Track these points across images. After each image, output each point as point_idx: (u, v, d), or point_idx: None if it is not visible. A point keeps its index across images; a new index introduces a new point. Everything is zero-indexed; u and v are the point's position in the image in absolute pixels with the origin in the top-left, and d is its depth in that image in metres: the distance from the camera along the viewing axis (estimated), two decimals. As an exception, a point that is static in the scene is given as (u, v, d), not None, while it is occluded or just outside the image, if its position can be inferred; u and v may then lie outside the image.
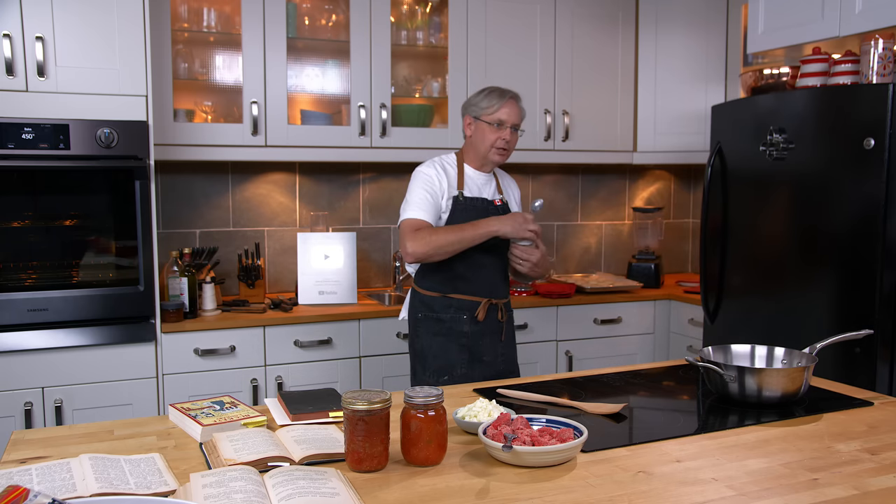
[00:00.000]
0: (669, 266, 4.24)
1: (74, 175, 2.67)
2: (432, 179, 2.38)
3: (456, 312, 2.39)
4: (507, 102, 2.39)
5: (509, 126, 2.39)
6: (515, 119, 2.41)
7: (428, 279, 2.44)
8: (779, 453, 1.42)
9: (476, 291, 2.41)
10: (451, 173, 2.43)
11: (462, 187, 2.42)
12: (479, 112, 2.40)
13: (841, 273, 2.54)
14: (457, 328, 2.40)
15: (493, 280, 2.44)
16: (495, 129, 2.38)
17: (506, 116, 2.38)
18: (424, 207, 2.35)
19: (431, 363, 2.41)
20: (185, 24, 3.11)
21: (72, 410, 2.65)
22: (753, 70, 3.16)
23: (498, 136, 2.39)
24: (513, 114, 2.40)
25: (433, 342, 2.41)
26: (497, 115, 2.38)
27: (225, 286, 3.33)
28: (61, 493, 1.19)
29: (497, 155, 2.42)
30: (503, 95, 2.40)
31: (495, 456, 1.37)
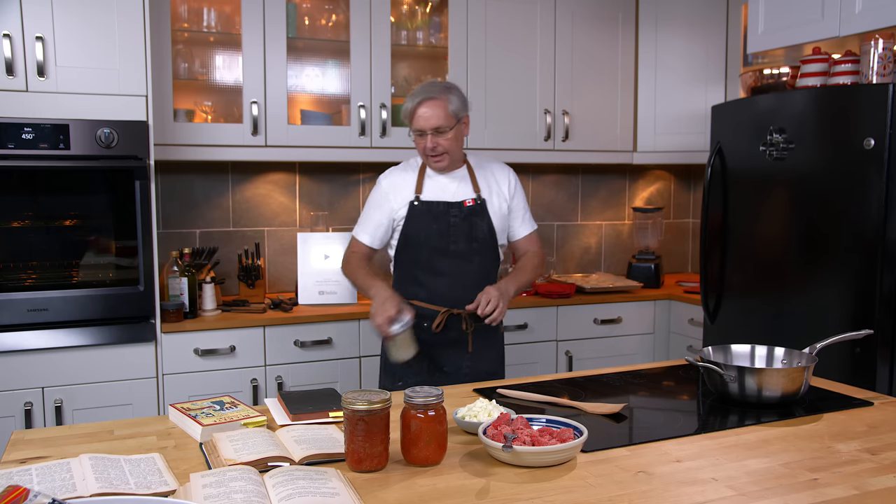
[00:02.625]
0: (669, 266, 4.24)
1: (74, 175, 2.67)
2: (385, 195, 2.32)
3: (416, 319, 2.23)
4: (418, 108, 2.20)
5: (428, 132, 2.20)
6: (434, 122, 2.19)
7: (395, 282, 2.37)
8: (779, 453, 1.42)
9: (434, 300, 2.28)
10: (410, 178, 2.32)
11: (420, 191, 2.30)
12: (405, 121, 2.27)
13: (841, 273, 2.54)
14: (418, 334, 2.23)
15: (455, 290, 2.27)
16: (416, 136, 2.24)
17: (421, 123, 2.20)
18: (368, 229, 2.34)
19: (390, 367, 2.33)
20: (185, 24, 3.11)
21: (72, 410, 2.65)
22: (753, 70, 3.16)
23: (422, 145, 2.24)
24: (429, 117, 2.19)
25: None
26: (414, 122, 2.22)
27: (225, 286, 3.33)
28: (61, 493, 1.19)
29: (433, 162, 2.26)
30: (414, 99, 2.21)
31: (495, 456, 1.37)
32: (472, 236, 2.30)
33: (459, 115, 2.24)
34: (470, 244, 2.29)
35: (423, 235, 2.29)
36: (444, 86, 2.25)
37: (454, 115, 2.22)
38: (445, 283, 2.29)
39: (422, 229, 2.28)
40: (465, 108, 2.27)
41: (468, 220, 2.29)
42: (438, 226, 2.28)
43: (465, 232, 2.29)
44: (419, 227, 2.28)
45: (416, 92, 2.23)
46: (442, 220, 2.27)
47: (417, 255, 2.31)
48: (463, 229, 2.29)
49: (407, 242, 2.32)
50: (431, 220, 2.27)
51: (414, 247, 2.31)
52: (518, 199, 2.42)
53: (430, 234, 2.28)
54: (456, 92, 2.25)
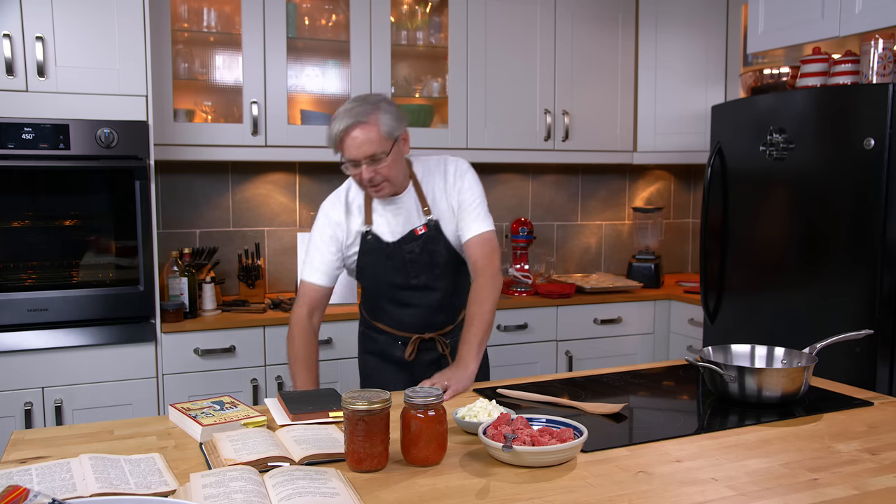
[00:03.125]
0: (669, 266, 4.24)
1: (74, 175, 2.67)
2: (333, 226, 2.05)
3: (388, 338, 2.15)
4: (346, 136, 1.88)
5: (363, 163, 1.89)
6: (367, 149, 1.87)
7: (363, 302, 2.22)
8: (779, 453, 1.42)
9: (404, 328, 2.12)
10: (356, 205, 2.07)
11: (370, 221, 2.05)
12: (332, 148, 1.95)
13: (841, 273, 2.54)
14: (389, 351, 2.16)
15: (422, 317, 2.12)
16: (349, 167, 1.93)
17: (353, 153, 1.89)
18: (316, 266, 2.06)
19: (367, 382, 2.23)
20: (185, 24, 3.11)
21: (72, 410, 2.65)
22: (753, 70, 3.16)
23: (357, 176, 1.94)
24: (360, 144, 1.87)
25: (368, 360, 2.23)
26: (343, 154, 1.91)
27: (225, 286, 3.33)
28: (61, 493, 1.19)
29: (374, 192, 1.97)
30: (339, 123, 1.88)
31: (495, 456, 1.37)
32: (433, 264, 2.06)
33: (395, 134, 1.92)
34: (431, 272, 2.07)
35: (381, 272, 2.07)
36: (372, 103, 1.91)
37: (389, 137, 1.90)
38: (411, 313, 2.12)
39: (377, 266, 2.07)
40: (400, 125, 1.94)
41: (425, 249, 2.04)
42: (394, 263, 2.05)
43: (425, 262, 2.05)
44: (374, 263, 2.06)
45: (339, 114, 1.90)
46: (397, 258, 2.04)
47: (377, 288, 2.12)
48: (422, 260, 2.05)
49: (364, 275, 2.11)
50: (385, 257, 2.04)
51: (371, 278, 2.11)
52: (466, 196, 2.05)
53: (387, 271, 2.06)
54: (386, 107, 1.92)
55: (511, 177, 3.88)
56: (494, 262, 2.04)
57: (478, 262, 2.03)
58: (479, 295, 1.99)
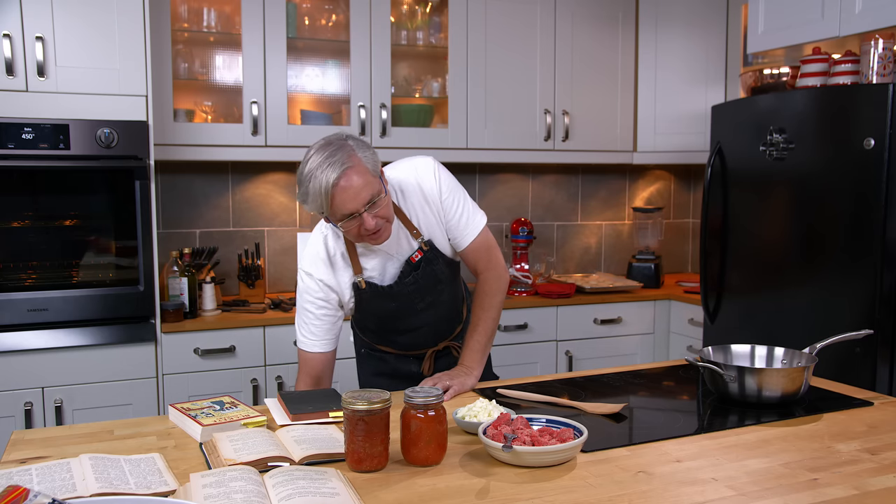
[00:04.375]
0: (669, 266, 4.24)
1: (74, 175, 2.67)
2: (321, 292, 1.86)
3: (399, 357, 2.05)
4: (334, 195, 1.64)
5: (363, 210, 1.67)
6: (366, 194, 1.65)
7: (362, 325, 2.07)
8: (779, 453, 1.42)
9: (415, 346, 2.03)
10: (339, 257, 1.87)
11: (359, 271, 1.87)
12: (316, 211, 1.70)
13: (841, 273, 2.54)
14: (404, 368, 2.05)
15: (431, 334, 2.03)
16: (347, 222, 1.69)
17: (350, 207, 1.66)
18: (318, 334, 1.88)
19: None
20: (185, 24, 3.11)
21: (72, 410, 2.65)
22: (753, 70, 3.16)
23: (358, 229, 1.71)
24: (358, 192, 1.64)
25: (380, 382, 2.07)
26: (337, 209, 1.67)
27: (225, 286, 3.33)
28: (61, 493, 1.19)
29: (373, 242, 1.76)
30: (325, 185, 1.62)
31: (495, 456, 1.37)
32: (436, 281, 1.93)
33: (377, 168, 1.72)
34: (435, 290, 1.94)
35: (385, 313, 1.95)
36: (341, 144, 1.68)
37: (374, 173, 1.70)
38: (420, 334, 2.02)
39: (381, 309, 1.93)
40: (374, 155, 1.72)
41: (426, 272, 1.90)
42: (399, 301, 1.91)
43: (427, 285, 1.92)
44: (377, 308, 1.92)
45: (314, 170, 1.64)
46: (401, 296, 1.89)
47: (382, 324, 2.01)
48: (424, 285, 1.91)
49: (365, 316, 1.98)
50: (389, 299, 1.90)
51: (373, 318, 1.99)
52: (446, 203, 1.90)
53: (392, 311, 1.93)
54: (356, 144, 1.70)
55: (511, 177, 3.88)
56: (495, 261, 1.97)
57: (478, 265, 1.96)
58: (482, 301, 1.94)
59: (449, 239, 1.94)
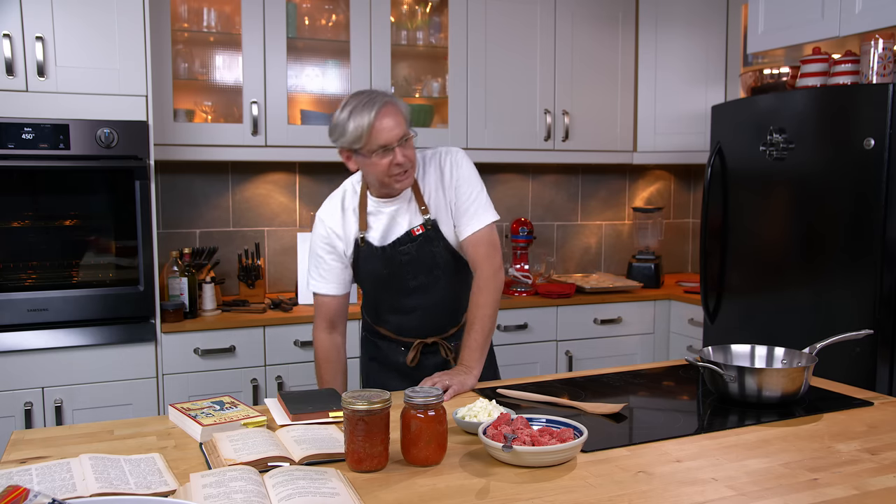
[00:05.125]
0: (669, 266, 4.24)
1: (74, 175, 2.67)
2: (329, 236, 2.00)
3: (390, 344, 2.11)
4: (381, 117, 1.81)
5: (396, 144, 1.83)
6: (399, 130, 1.83)
7: (365, 307, 2.18)
8: (779, 453, 1.42)
9: (405, 333, 2.07)
10: (350, 211, 2.01)
11: (364, 227, 1.98)
12: (353, 144, 1.85)
13: (841, 273, 2.54)
14: (393, 358, 2.11)
15: (424, 321, 2.06)
16: (381, 154, 1.83)
17: (386, 137, 1.81)
18: (327, 277, 2.01)
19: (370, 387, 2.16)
20: (185, 24, 3.11)
21: (72, 410, 2.65)
22: (753, 70, 3.16)
23: (389, 163, 1.84)
24: (392, 127, 1.82)
25: (370, 366, 2.18)
26: (374, 140, 1.82)
27: (225, 286, 3.33)
28: (61, 493, 1.19)
29: (398, 182, 1.88)
30: (370, 108, 1.81)
31: (495, 456, 1.37)
32: (433, 264, 1.99)
33: (408, 114, 1.90)
34: (430, 273, 2.00)
35: (377, 278, 2.02)
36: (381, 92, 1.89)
37: (406, 119, 1.88)
38: (412, 318, 2.06)
39: (374, 273, 2.01)
40: (405, 105, 1.92)
41: (423, 249, 1.98)
42: (391, 269, 1.98)
43: (424, 263, 1.99)
44: (370, 270, 2.01)
45: (357, 108, 1.82)
46: (394, 262, 1.97)
47: (376, 295, 2.08)
48: (420, 262, 1.98)
49: (362, 283, 2.08)
50: (382, 263, 1.98)
51: (370, 285, 2.07)
52: (461, 190, 1.98)
53: (384, 277, 2.00)
54: (392, 94, 1.92)
55: (511, 177, 3.88)
56: (494, 260, 1.97)
57: (476, 260, 1.97)
58: (478, 299, 1.95)
59: (455, 226, 1.99)
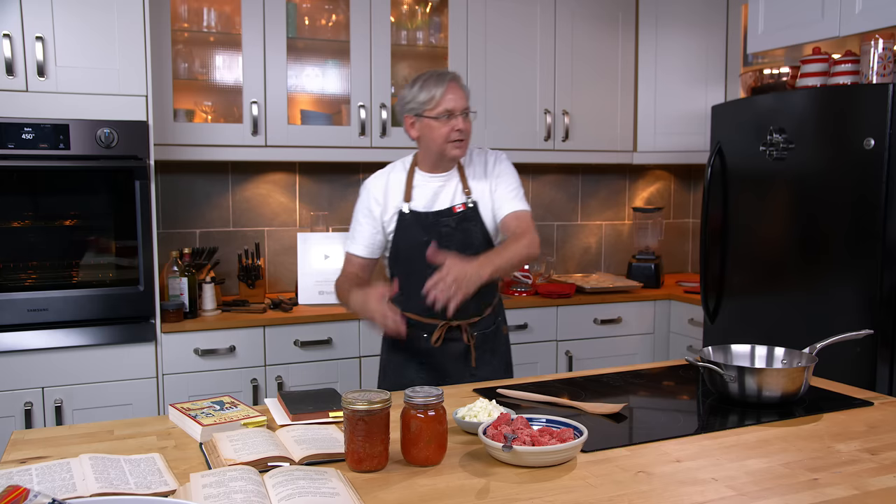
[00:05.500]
0: (669, 266, 4.24)
1: (74, 175, 2.67)
2: (373, 202, 2.17)
3: (415, 330, 2.16)
4: (449, 87, 2.06)
5: (459, 113, 2.07)
6: (463, 102, 2.08)
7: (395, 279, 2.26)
8: (779, 453, 1.42)
9: (432, 314, 2.09)
10: (397, 183, 2.18)
11: (409, 198, 2.16)
12: (419, 108, 2.09)
13: (841, 273, 2.54)
14: (415, 345, 2.18)
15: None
16: (445, 121, 2.06)
17: (452, 104, 2.06)
18: (362, 240, 2.19)
19: (389, 378, 2.24)
20: (185, 24, 3.11)
21: (72, 410, 2.65)
22: (753, 70, 3.16)
23: (450, 128, 2.07)
24: (459, 98, 2.07)
25: (391, 357, 2.25)
26: (442, 105, 2.06)
27: (225, 286, 3.33)
28: (61, 493, 1.19)
29: (455, 149, 2.09)
30: (441, 80, 2.07)
31: (495, 456, 1.37)
32: (467, 243, 2.13)
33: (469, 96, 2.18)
34: (464, 252, 2.06)
35: (414, 247, 2.12)
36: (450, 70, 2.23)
37: (468, 99, 2.15)
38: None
39: (412, 241, 2.14)
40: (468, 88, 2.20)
41: (461, 226, 2.15)
42: (429, 237, 2.11)
43: (459, 240, 2.13)
44: (409, 239, 2.14)
45: (428, 77, 2.09)
46: (432, 231, 2.12)
47: (409, 267, 2.16)
48: (456, 238, 2.13)
49: (398, 254, 2.19)
50: (421, 231, 2.13)
51: (405, 259, 2.18)
52: (504, 179, 2.20)
53: (422, 246, 2.07)
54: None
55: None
56: (534, 232, 2.11)
57: (517, 230, 2.11)
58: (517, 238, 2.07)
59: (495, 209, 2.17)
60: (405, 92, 2.12)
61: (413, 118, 2.12)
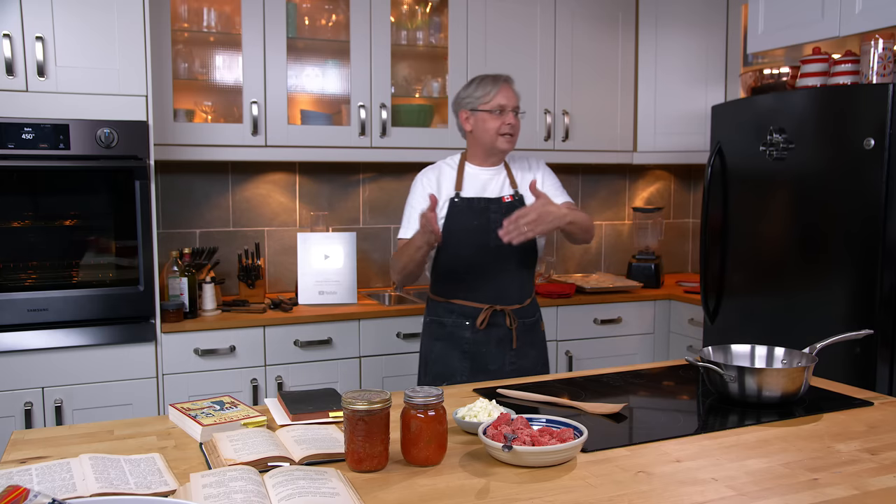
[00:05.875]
0: (669, 266, 4.24)
1: (74, 175, 2.67)
2: (423, 190, 2.34)
3: (458, 318, 2.33)
4: (503, 87, 2.31)
5: (511, 110, 2.31)
6: (515, 101, 2.33)
7: (436, 284, 2.42)
8: (779, 453, 1.42)
9: (478, 298, 2.32)
10: (448, 175, 2.37)
11: (460, 188, 2.35)
12: (475, 103, 2.32)
13: (841, 273, 2.54)
14: (458, 334, 2.33)
15: (500, 286, 2.33)
16: (497, 115, 2.30)
17: (505, 100, 2.30)
18: (411, 225, 2.30)
19: (432, 368, 2.37)
20: (185, 24, 3.11)
21: (72, 410, 2.65)
22: (753, 70, 3.16)
23: (501, 122, 2.30)
24: (511, 97, 2.32)
25: (434, 347, 2.37)
26: (496, 100, 2.29)
27: (225, 286, 3.33)
28: (61, 493, 1.19)
29: (505, 142, 2.32)
30: (497, 80, 2.32)
31: (495, 456, 1.37)
32: None
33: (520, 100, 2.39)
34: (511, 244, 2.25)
35: (464, 232, 2.30)
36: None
37: (519, 100, 2.37)
38: (486, 280, 2.32)
39: (463, 226, 2.30)
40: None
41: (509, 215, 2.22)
42: (479, 222, 2.29)
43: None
44: (460, 224, 2.30)
45: (484, 77, 2.33)
46: (482, 216, 2.29)
47: (458, 251, 2.31)
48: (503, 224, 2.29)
49: (448, 239, 2.31)
50: (472, 216, 2.30)
51: (454, 244, 2.31)
52: (549, 177, 2.45)
53: (471, 231, 2.29)
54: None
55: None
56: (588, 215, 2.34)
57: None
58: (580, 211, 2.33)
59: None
60: (462, 91, 2.37)
61: (468, 113, 2.34)
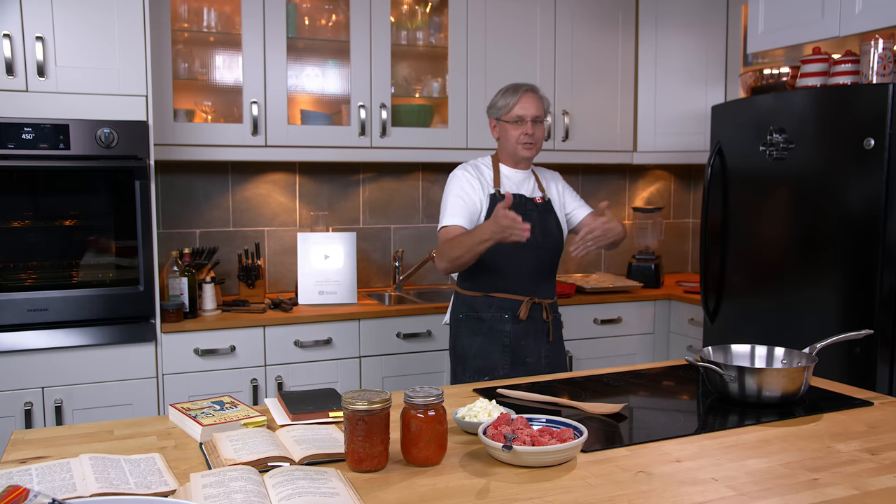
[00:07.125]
0: (669, 266, 4.24)
1: (74, 175, 2.67)
2: (465, 181, 2.41)
3: (497, 311, 2.39)
4: (523, 97, 2.40)
5: (529, 120, 2.40)
6: (534, 111, 2.41)
7: (470, 280, 2.45)
8: (779, 453, 1.42)
9: (518, 290, 2.40)
10: (486, 173, 2.46)
11: (498, 185, 2.44)
12: (498, 113, 2.44)
13: (841, 273, 2.54)
14: (498, 327, 2.39)
15: (537, 279, 2.43)
16: (516, 125, 2.41)
17: (523, 111, 2.40)
18: (457, 212, 2.36)
19: (472, 363, 2.40)
20: (185, 24, 3.11)
21: (72, 410, 2.65)
22: (753, 70, 3.16)
23: (520, 132, 2.41)
24: (530, 107, 2.40)
25: (473, 342, 2.41)
26: (514, 111, 2.40)
27: (225, 286, 3.33)
28: (61, 493, 1.19)
29: (525, 150, 2.42)
30: (517, 91, 2.42)
31: (495, 456, 1.37)
32: (546, 230, 2.43)
33: (547, 111, 2.49)
34: (545, 237, 2.42)
35: None
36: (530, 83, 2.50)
37: (544, 109, 2.47)
38: (525, 273, 2.41)
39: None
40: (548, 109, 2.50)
41: (542, 215, 2.44)
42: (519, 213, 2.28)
43: (541, 225, 2.42)
44: None
45: (509, 87, 2.45)
46: (520, 212, 2.33)
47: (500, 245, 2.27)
48: (539, 222, 2.41)
49: None
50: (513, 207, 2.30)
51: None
52: (569, 189, 2.60)
53: None
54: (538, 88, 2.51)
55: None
56: None
57: None
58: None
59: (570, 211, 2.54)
60: (492, 99, 2.50)
61: (494, 121, 2.48)
